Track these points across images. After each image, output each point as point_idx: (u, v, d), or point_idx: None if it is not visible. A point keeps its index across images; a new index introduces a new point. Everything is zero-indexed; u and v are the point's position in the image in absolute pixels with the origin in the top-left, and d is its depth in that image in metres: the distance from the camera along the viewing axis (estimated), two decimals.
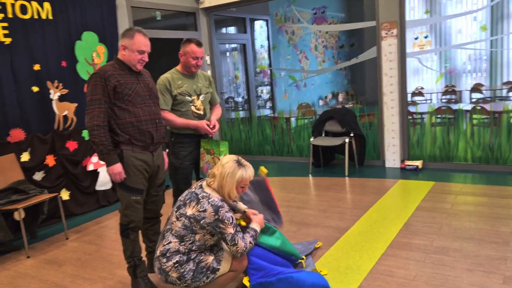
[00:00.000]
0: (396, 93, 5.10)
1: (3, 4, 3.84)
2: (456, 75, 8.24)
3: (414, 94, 7.34)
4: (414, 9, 6.82)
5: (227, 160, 2.23)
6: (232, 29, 7.66)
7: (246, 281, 2.37)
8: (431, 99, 7.66)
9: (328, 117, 5.47)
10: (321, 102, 8.49)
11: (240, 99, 7.82)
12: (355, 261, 2.84)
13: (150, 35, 2.75)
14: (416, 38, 5.08)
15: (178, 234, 2.17)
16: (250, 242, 2.24)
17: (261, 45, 7.85)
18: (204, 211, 2.12)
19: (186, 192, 2.28)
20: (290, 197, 4.41)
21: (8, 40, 3.89)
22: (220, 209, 2.13)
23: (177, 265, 2.14)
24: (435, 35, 7.27)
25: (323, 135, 5.46)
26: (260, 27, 7.79)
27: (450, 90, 7.40)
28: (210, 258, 2.21)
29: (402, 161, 5.16)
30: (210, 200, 2.14)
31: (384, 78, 5.12)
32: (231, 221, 2.14)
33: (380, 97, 5.24)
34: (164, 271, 2.16)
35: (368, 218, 3.59)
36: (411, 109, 5.43)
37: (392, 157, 5.17)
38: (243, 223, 2.47)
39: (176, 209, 2.23)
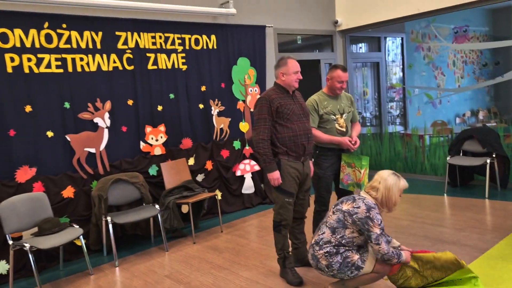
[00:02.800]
0: None
1: (183, 39, 4.82)
2: None
3: None
4: None
5: (387, 174, 2.57)
6: (362, 48, 7.91)
7: None
8: None
9: (467, 136, 5.35)
10: (458, 120, 8.11)
11: (368, 115, 7.97)
12: (494, 279, 2.88)
13: None
14: None
15: (331, 226, 2.58)
16: (393, 253, 2.46)
17: (393, 60, 7.91)
18: (358, 207, 2.49)
19: (346, 196, 2.70)
20: (424, 214, 4.49)
21: (184, 67, 4.85)
22: (372, 209, 2.47)
23: (327, 254, 2.54)
24: None
25: (461, 154, 5.35)
26: (393, 43, 7.87)
27: None
28: (356, 257, 2.55)
29: None
30: (365, 201, 2.52)
31: None
32: (379, 222, 2.45)
33: None
34: (316, 257, 2.59)
35: None
36: None
37: None
38: None
39: (333, 206, 2.66)
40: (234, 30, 5.29)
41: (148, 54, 4.55)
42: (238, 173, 5.34)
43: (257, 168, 5.39)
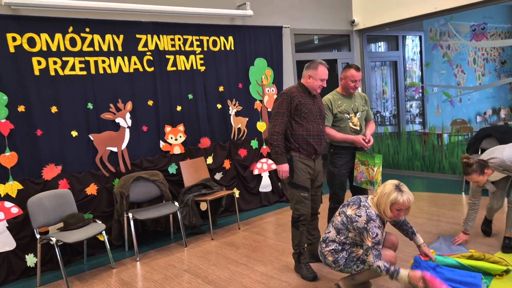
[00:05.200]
0: None
1: (201, 41, 4.94)
2: None
3: None
4: None
5: (389, 183, 2.56)
6: (383, 47, 7.88)
7: None
8: None
9: (485, 135, 5.29)
10: (479, 118, 7.99)
11: (387, 114, 7.94)
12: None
13: (307, 57, 3.30)
14: None
15: (336, 227, 2.66)
16: (379, 267, 2.43)
17: (412, 59, 7.86)
18: (359, 216, 2.54)
19: (355, 197, 2.73)
20: (440, 212, 4.48)
21: (202, 68, 4.98)
22: (371, 221, 2.50)
23: (332, 251, 2.63)
24: None
25: (479, 152, 5.30)
26: (412, 41, 7.82)
27: None
28: (361, 251, 2.61)
29: None
30: (367, 211, 2.55)
31: None
32: (374, 236, 2.47)
33: None
34: (323, 254, 2.69)
35: None
36: None
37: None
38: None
39: (341, 207, 2.72)
40: (251, 31, 5.39)
41: (167, 56, 4.69)
42: (256, 172, 5.43)
43: (274, 167, 5.47)
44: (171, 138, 4.74)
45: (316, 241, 3.37)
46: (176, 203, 4.25)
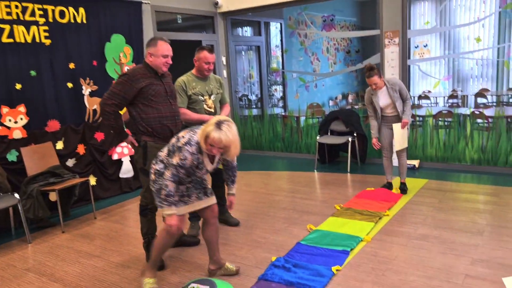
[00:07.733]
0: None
1: (45, 10, 4.35)
2: (464, 80, 8.53)
3: (420, 97, 7.67)
4: (422, 18, 7.11)
5: (217, 117, 2.46)
6: (247, 32, 8.09)
7: None
8: (437, 103, 7.97)
9: (334, 117, 5.86)
10: (331, 103, 8.86)
11: (253, 97, 8.24)
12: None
13: (171, 37, 3.16)
14: (416, 47, 5.42)
15: (168, 147, 2.57)
16: (167, 186, 2.43)
17: (276, 45, 8.26)
18: (183, 137, 2.49)
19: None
20: (295, 189, 4.83)
21: (48, 42, 4.41)
22: (188, 145, 2.44)
23: (156, 172, 2.54)
24: (442, 42, 7.55)
25: (329, 134, 5.86)
26: (275, 28, 8.20)
27: (455, 95, 7.70)
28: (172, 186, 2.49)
29: None
30: (192, 135, 2.47)
31: None
32: (183, 158, 2.43)
33: None
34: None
35: None
36: (417, 112, 5.76)
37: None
38: None
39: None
40: (106, 4, 4.94)
41: (2, 26, 4.01)
42: (115, 157, 5.10)
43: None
44: (10, 120, 4.12)
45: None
46: (17, 195, 3.73)
